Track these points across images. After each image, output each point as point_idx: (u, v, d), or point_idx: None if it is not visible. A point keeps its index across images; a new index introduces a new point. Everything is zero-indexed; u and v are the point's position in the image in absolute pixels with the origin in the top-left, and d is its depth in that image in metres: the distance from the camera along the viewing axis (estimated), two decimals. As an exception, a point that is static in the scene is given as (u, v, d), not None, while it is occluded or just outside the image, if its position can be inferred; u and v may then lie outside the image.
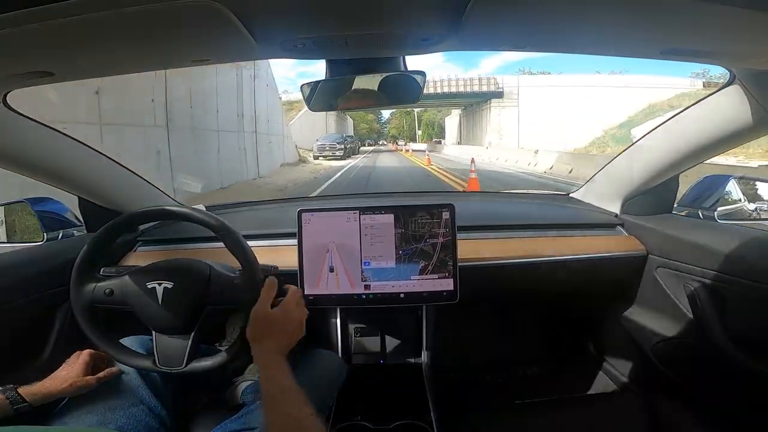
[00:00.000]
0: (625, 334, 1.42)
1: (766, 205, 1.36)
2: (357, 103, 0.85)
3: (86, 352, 0.89)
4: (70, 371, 0.85)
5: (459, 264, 1.18)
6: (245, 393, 1.16)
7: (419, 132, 71.66)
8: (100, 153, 1.24)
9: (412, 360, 1.23)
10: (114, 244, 0.96)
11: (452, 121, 54.07)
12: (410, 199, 1.65)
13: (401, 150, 37.71)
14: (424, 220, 1.18)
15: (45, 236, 1.24)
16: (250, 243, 0.91)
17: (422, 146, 42.15)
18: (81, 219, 1.35)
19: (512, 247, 1.32)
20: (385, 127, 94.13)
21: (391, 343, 1.28)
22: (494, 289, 1.42)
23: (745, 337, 1.04)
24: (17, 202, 1.35)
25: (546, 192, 1.95)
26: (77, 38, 0.55)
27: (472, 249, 1.27)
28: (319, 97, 0.85)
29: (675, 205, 1.37)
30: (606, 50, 0.72)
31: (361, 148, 40.13)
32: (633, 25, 0.56)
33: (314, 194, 8.10)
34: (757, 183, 1.39)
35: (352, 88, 0.82)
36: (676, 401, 0.96)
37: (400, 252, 1.18)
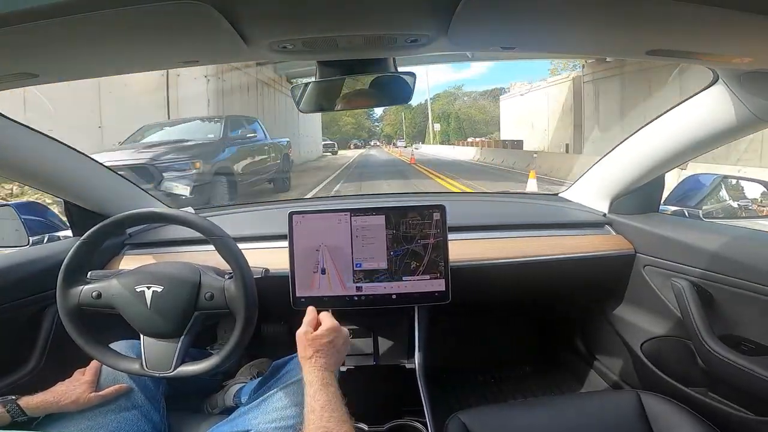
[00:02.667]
0: (615, 332, 1.44)
1: (750, 203, 1.39)
2: (348, 104, 0.84)
3: (91, 370, 0.88)
4: (71, 388, 0.84)
5: (450, 264, 1.19)
6: (237, 396, 1.15)
7: (435, 127, 55.72)
8: (86, 155, 1.22)
9: (405, 361, 1.23)
10: (101, 248, 0.95)
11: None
12: (401, 200, 1.65)
13: (398, 153, 30.53)
14: (415, 221, 1.18)
15: (30, 240, 1.22)
16: (241, 245, 0.90)
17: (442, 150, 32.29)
18: (66, 223, 1.33)
19: (503, 247, 1.33)
20: (377, 125, 79.49)
21: (384, 344, 1.27)
22: (485, 289, 1.42)
23: (731, 333, 1.06)
24: (1, 206, 1.32)
25: (535, 192, 1.97)
26: (62, 39, 0.54)
27: (463, 249, 1.28)
28: (309, 98, 0.85)
29: (661, 204, 1.39)
30: (592, 51, 0.74)
31: (341, 152, 35.03)
32: (619, 26, 0.57)
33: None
34: (741, 181, 1.42)
35: (343, 89, 0.82)
36: (666, 398, 0.98)
37: (392, 253, 1.18)
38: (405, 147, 47.46)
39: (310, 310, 0.86)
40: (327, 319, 0.84)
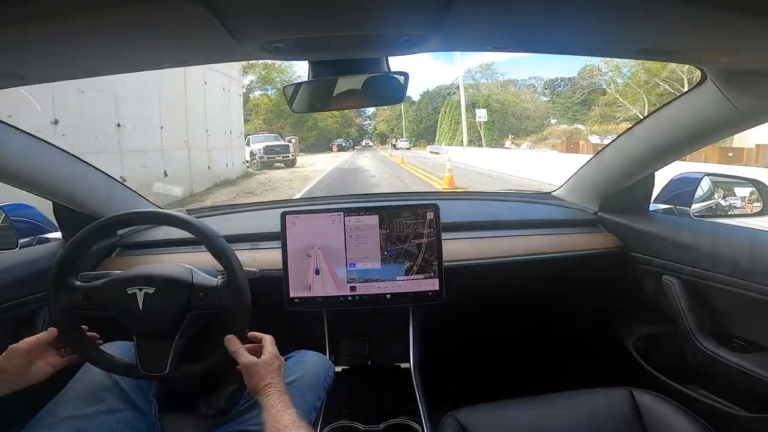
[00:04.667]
0: (607, 330, 1.45)
1: (738, 202, 1.41)
2: (340, 104, 0.84)
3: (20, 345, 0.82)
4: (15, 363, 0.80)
5: (444, 264, 1.19)
6: (232, 397, 1.15)
7: (480, 116, 33.38)
8: (75, 157, 1.21)
9: (400, 360, 1.24)
10: (92, 250, 0.94)
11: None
12: (394, 199, 1.65)
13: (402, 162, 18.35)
14: (408, 220, 1.19)
15: (18, 243, 1.20)
16: (233, 246, 0.90)
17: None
18: (56, 225, 1.32)
19: (495, 246, 1.34)
20: (368, 123, 61.87)
21: (379, 344, 1.28)
22: (479, 288, 1.43)
23: (722, 331, 1.07)
24: (-12, 208, 1.30)
25: (528, 191, 1.98)
26: (49, 40, 0.54)
27: (456, 249, 1.28)
28: (301, 98, 0.85)
29: (651, 202, 1.41)
30: (584, 50, 0.74)
31: (313, 158, 25.58)
32: (610, 25, 0.58)
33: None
34: (730, 180, 1.43)
35: (335, 89, 0.82)
36: (658, 396, 0.99)
37: (386, 253, 1.18)
38: (409, 148, 38.63)
39: (237, 341, 0.85)
40: (269, 346, 0.86)
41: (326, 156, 30.46)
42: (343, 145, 43.04)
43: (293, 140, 23.56)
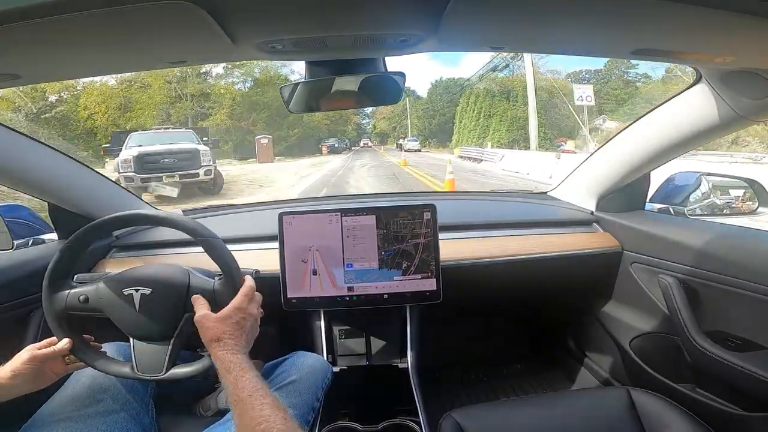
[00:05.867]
0: (604, 329, 1.45)
1: (733, 200, 1.42)
2: (337, 104, 0.84)
3: (27, 352, 0.81)
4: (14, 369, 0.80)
5: (441, 264, 1.19)
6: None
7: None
8: (71, 157, 1.21)
9: (398, 360, 1.24)
10: (87, 251, 0.93)
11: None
12: (391, 200, 1.66)
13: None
14: (405, 220, 1.19)
15: (14, 244, 1.20)
16: (230, 247, 0.89)
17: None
18: (51, 226, 1.31)
19: (492, 245, 1.34)
20: (366, 121, 53.70)
21: (377, 344, 1.28)
22: (477, 288, 1.43)
23: (718, 330, 1.08)
24: (-17, 209, 1.29)
25: (524, 191, 1.98)
26: (46, 40, 0.53)
27: (453, 248, 1.29)
28: (298, 98, 0.85)
29: (647, 202, 1.42)
30: (579, 50, 0.74)
31: (292, 163, 20.17)
32: (606, 26, 0.58)
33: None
34: (725, 179, 1.44)
35: (332, 89, 0.81)
36: (655, 395, 0.99)
37: (383, 253, 1.18)
38: (419, 150, 31.27)
39: (197, 297, 0.81)
40: (240, 295, 0.79)
41: (308, 162, 21.33)
42: (336, 146, 33.34)
43: (265, 140, 20.44)
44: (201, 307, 0.79)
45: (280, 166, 19.32)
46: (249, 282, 0.83)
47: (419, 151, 31.16)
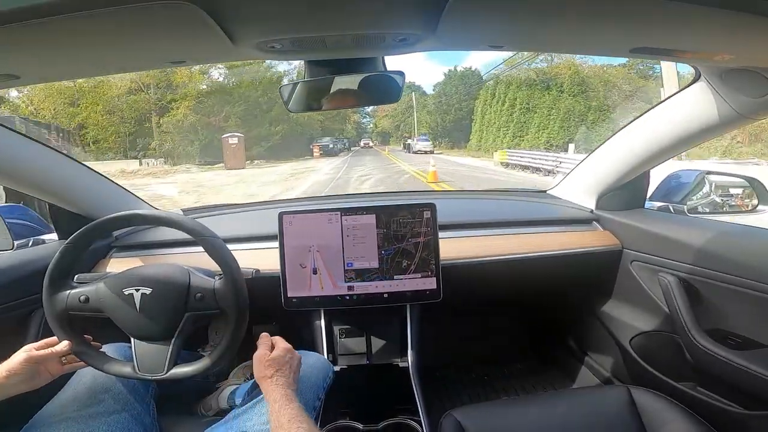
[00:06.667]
0: (604, 328, 1.46)
1: (732, 199, 1.42)
2: (337, 104, 0.84)
3: (24, 352, 0.82)
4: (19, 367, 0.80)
5: (441, 262, 1.19)
6: (231, 398, 1.14)
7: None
8: (71, 158, 1.21)
9: (398, 359, 1.24)
10: (88, 251, 0.93)
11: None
12: (391, 199, 1.66)
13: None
14: (405, 219, 1.19)
15: (14, 244, 1.20)
16: (230, 247, 0.90)
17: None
18: (52, 226, 1.31)
19: (492, 244, 1.34)
20: (367, 120, 50.38)
21: (377, 343, 1.28)
22: (477, 287, 1.43)
23: (718, 328, 1.08)
24: (-17, 210, 1.29)
25: (524, 189, 1.98)
26: (46, 40, 0.53)
27: (453, 247, 1.29)
28: (297, 98, 0.85)
29: (647, 200, 1.42)
30: (578, 49, 0.75)
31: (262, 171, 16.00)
32: (605, 24, 0.58)
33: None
34: (725, 177, 1.44)
35: (332, 89, 0.82)
36: (656, 393, 0.99)
37: (383, 252, 1.19)
38: (432, 151, 25.64)
39: (265, 335, 0.88)
40: (281, 342, 0.87)
41: (289, 169, 17.02)
42: (331, 147, 28.21)
43: (233, 140, 16.71)
44: (263, 346, 0.85)
45: (251, 174, 15.25)
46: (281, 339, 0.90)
47: (432, 152, 25.56)
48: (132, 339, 0.86)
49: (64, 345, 0.83)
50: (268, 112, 23.93)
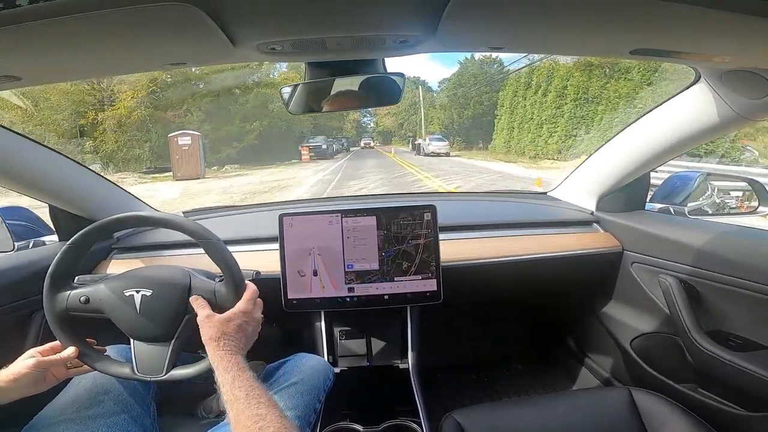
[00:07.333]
0: (605, 329, 1.45)
1: (733, 201, 1.42)
2: (337, 105, 0.85)
3: (30, 357, 0.81)
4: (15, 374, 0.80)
5: (441, 264, 1.19)
6: None
7: None
8: (71, 159, 1.21)
9: (399, 361, 1.24)
10: (88, 252, 0.93)
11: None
12: (392, 200, 1.66)
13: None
14: (406, 221, 1.19)
15: (15, 246, 1.20)
16: (231, 248, 0.90)
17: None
18: (52, 227, 1.31)
19: (493, 246, 1.34)
20: (367, 119, 46.47)
21: (377, 345, 1.28)
22: (477, 289, 1.43)
23: (719, 329, 1.08)
24: (-16, 211, 1.29)
25: (524, 191, 1.98)
26: (47, 42, 0.54)
27: (453, 249, 1.29)
28: (298, 99, 0.85)
29: (647, 202, 1.42)
30: (578, 50, 0.75)
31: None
32: (605, 26, 0.58)
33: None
34: (725, 179, 1.44)
35: (332, 90, 0.82)
36: (657, 395, 0.99)
37: (383, 254, 1.19)
38: (448, 153, 22.11)
39: (195, 298, 0.83)
40: (242, 302, 0.81)
41: (258, 183, 12.59)
42: (324, 147, 22.78)
43: (185, 140, 12.68)
44: (201, 307, 0.81)
45: (204, 189, 11.59)
46: (252, 287, 0.85)
47: (447, 154, 21.92)
48: (131, 340, 0.86)
49: (70, 351, 0.83)
50: (243, 105, 18.55)
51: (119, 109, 16.66)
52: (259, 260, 1.21)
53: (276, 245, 1.19)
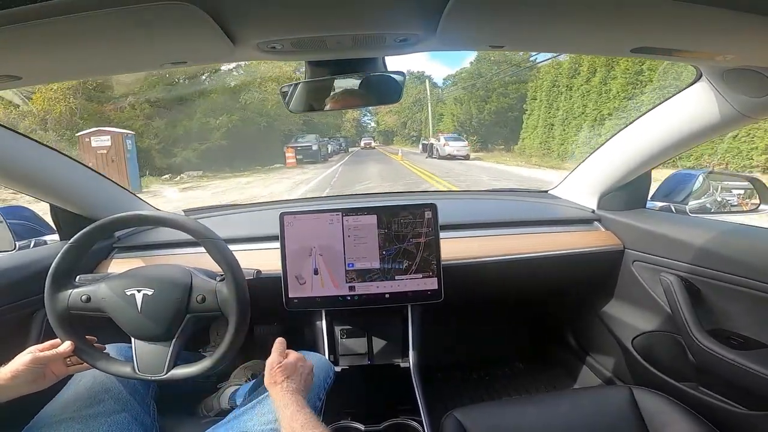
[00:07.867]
0: (606, 328, 1.45)
1: (734, 199, 1.42)
2: (338, 104, 0.85)
3: (29, 354, 0.82)
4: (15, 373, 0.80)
5: (442, 263, 1.19)
6: (232, 398, 1.15)
7: None
8: (72, 159, 1.21)
9: (400, 360, 1.24)
10: (90, 251, 0.93)
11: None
12: (392, 199, 1.66)
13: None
14: (406, 220, 1.19)
15: (16, 245, 1.20)
16: (232, 247, 0.90)
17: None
18: (53, 227, 1.31)
19: (494, 244, 1.34)
20: (368, 119, 45.42)
21: (378, 343, 1.28)
22: (478, 287, 1.43)
23: (720, 328, 1.07)
24: (-15, 211, 1.29)
25: (525, 189, 1.98)
26: (47, 42, 0.53)
27: (454, 248, 1.29)
28: (298, 98, 0.85)
29: (648, 200, 1.41)
30: (579, 49, 0.75)
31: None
32: (605, 24, 0.58)
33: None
34: (726, 177, 1.44)
35: (332, 89, 0.82)
36: (658, 393, 0.99)
37: (384, 252, 1.18)
38: (468, 156, 18.57)
39: (280, 341, 0.88)
40: (294, 351, 0.87)
41: (209, 200, 9.31)
42: (315, 149, 18.77)
43: (101, 141, 10.56)
44: (276, 351, 0.84)
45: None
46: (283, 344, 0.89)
47: (467, 157, 18.37)
48: (132, 339, 0.87)
49: (67, 345, 0.84)
50: (209, 96, 14.30)
51: (36, 102, 12.74)
52: (260, 259, 1.21)
53: (277, 244, 1.19)
